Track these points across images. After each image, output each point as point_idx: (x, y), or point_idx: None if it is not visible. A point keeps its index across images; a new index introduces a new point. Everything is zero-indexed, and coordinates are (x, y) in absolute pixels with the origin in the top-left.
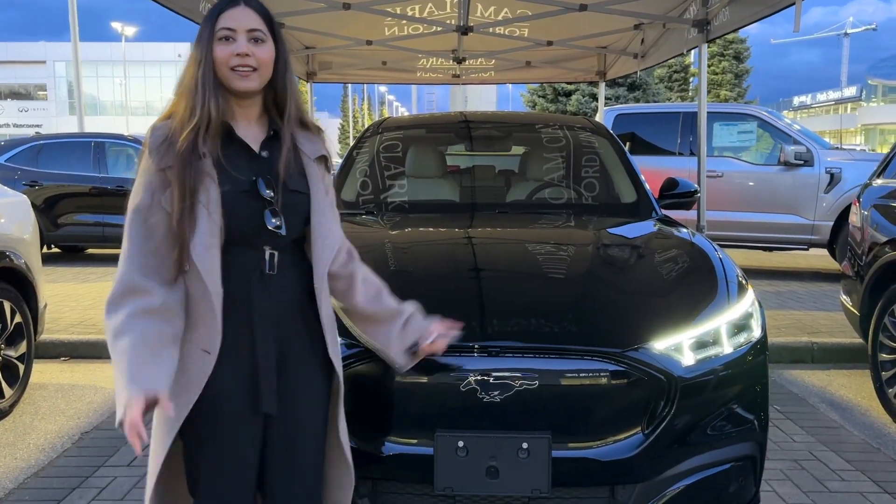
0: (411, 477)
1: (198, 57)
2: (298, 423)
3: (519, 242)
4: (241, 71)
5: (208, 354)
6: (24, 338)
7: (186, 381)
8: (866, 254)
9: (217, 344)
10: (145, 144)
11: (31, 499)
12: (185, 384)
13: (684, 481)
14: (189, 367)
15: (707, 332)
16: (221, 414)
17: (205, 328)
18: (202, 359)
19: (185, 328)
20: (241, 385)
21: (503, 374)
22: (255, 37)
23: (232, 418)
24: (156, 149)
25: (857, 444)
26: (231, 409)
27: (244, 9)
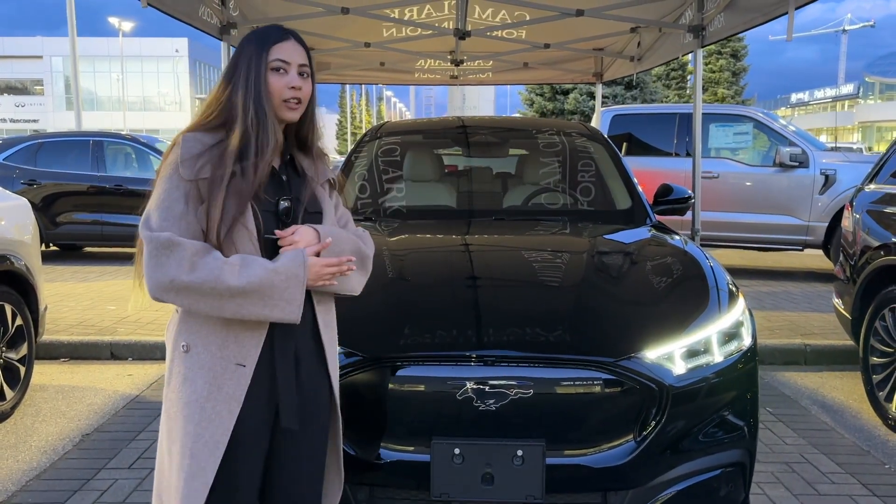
0: (408, 483)
1: (253, 86)
2: (308, 434)
3: (514, 250)
4: (291, 103)
5: (243, 367)
6: (25, 340)
7: (227, 397)
8: (858, 258)
9: (254, 357)
10: (171, 152)
11: (34, 501)
12: (225, 399)
13: (675, 487)
14: (224, 383)
15: (698, 342)
16: (243, 429)
17: (237, 341)
18: (237, 372)
19: (213, 346)
20: (262, 400)
21: (499, 382)
22: (302, 71)
23: (253, 433)
24: (188, 160)
25: (848, 446)
26: (253, 424)
27: (295, 44)
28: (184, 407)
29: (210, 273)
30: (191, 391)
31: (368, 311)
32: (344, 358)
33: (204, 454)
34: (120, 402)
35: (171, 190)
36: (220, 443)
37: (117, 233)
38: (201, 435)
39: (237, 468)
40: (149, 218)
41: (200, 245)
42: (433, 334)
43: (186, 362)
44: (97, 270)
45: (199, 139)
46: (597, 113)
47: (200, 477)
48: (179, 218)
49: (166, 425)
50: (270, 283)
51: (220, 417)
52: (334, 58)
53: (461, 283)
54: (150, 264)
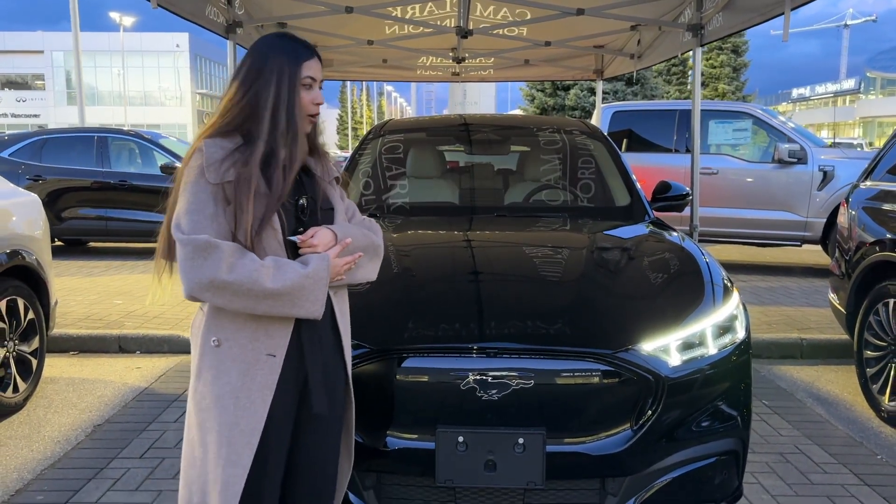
0: (414, 470)
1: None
2: (330, 421)
3: (516, 246)
4: (314, 118)
5: (274, 357)
6: (37, 333)
7: (260, 386)
8: (854, 253)
9: (284, 348)
10: (193, 157)
11: (50, 489)
12: (258, 389)
13: (671, 474)
14: (256, 373)
15: (693, 334)
16: (273, 416)
17: (267, 333)
18: (268, 363)
19: (245, 339)
20: (289, 388)
21: (501, 373)
22: (321, 86)
23: (282, 419)
24: (213, 164)
25: (841, 438)
26: (282, 411)
27: (317, 61)
28: (218, 399)
29: (248, 274)
30: (224, 383)
31: (375, 305)
32: (352, 350)
33: (241, 442)
34: (129, 394)
35: (199, 193)
36: (256, 430)
37: (121, 228)
38: (237, 424)
39: (267, 454)
40: (180, 221)
41: (235, 246)
42: (437, 327)
43: (219, 356)
44: (102, 265)
45: (220, 144)
46: (597, 109)
47: (238, 464)
48: (211, 219)
49: (197, 418)
50: (301, 286)
51: (254, 406)
52: (337, 55)
53: (464, 277)
54: (188, 265)
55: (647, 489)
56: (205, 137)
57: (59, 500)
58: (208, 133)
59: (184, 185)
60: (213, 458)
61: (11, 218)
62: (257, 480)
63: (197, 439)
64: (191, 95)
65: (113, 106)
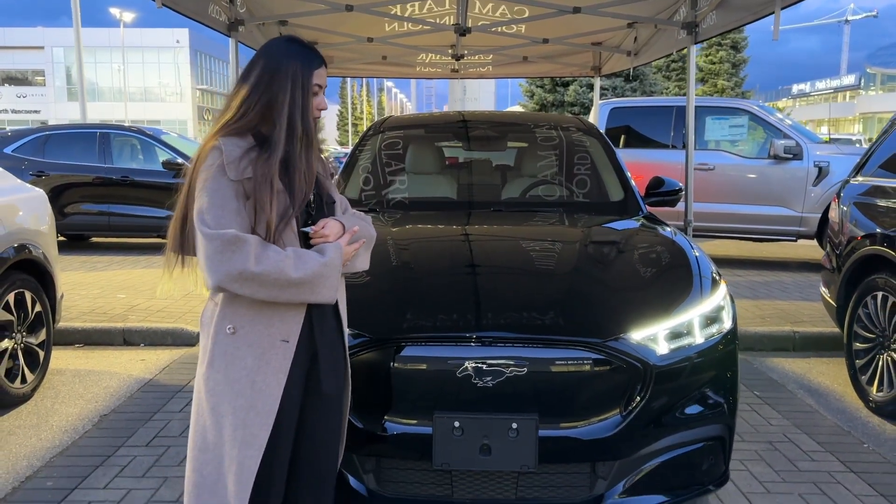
0: (412, 454)
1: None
2: (333, 401)
3: (511, 240)
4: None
5: (287, 343)
6: (44, 326)
7: (274, 370)
8: (844, 248)
9: (297, 333)
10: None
11: (59, 475)
12: (273, 372)
13: (659, 458)
14: (271, 358)
15: (681, 324)
16: (285, 398)
17: (282, 320)
18: (282, 348)
19: (260, 325)
20: (299, 371)
21: (495, 361)
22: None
23: (292, 401)
24: (232, 162)
25: (830, 427)
26: (293, 393)
27: (325, 69)
28: (233, 382)
29: (274, 265)
30: (241, 367)
31: (375, 296)
32: (352, 339)
33: (257, 423)
34: (134, 385)
35: (221, 189)
36: (272, 411)
37: (124, 223)
38: (253, 406)
39: (279, 434)
40: (205, 217)
41: (258, 239)
42: (435, 317)
43: (235, 342)
44: (105, 260)
45: (236, 143)
46: (595, 106)
47: (254, 445)
48: (235, 214)
49: (209, 403)
50: (321, 273)
51: (269, 388)
52: (338, 52)
53: (461, 269)
54: (216, 259)
55: (636, 472)
56: (220, 136)
57: (69, 486)
58: (223, 132)
59: (203, 182)
60: (229, 440)
61: (18, 213)
62: (268, 459)
63: (210, 424)
64: (191, 91)
65: (113, 102)
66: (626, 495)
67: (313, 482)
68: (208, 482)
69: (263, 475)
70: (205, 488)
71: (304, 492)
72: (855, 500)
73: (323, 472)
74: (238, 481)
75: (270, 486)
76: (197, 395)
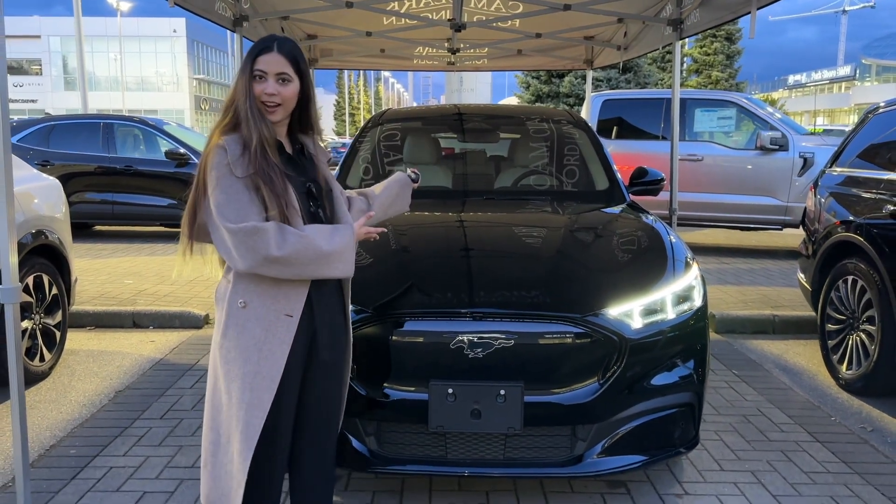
0: (410, 418)
1: (241, 89)
2: (334, 367)
3: (502, 225)
4: (269, 106)
5: (291, 318)
6: (60, 307)
7: (279, 341)
8: (820, 235)
9: (300, 309)
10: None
11: (81, 444)
12: (278, 343)
13: (634, 422)
14: (277, 330)
15: (654, 302)
16: (289, 365)
17: (286, 297)
18: (287, 321)
19: (268, 300)
20: (302, 342)
21: (485, 334)
22: (282, 78)
23: (295, 367)
24: (235, 162)
25: (801, 402)
26: (295, 360)
27: (275, 54)
28: (243, 350)
29: (295, 246)
30: (249, 337)
31: (377, 276)
32: (355, 315)
33: (262, 387)
34: (146, 364)
35: (232, 185)
36: (276, 377)
37: (127, 212)
38: (259, 372)
39: (282, 396)
40: (225, 212)
41: (276, 226)
42: (431, 295)
43: (245, 315)
44: (110, 248)
45: (236, 141)
46: (588, 98)
47: (259, 406)
48: (250, 205)
49: (223, 368)
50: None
51: (273, 356)
52: (337, 45)
53: (455, 252)
54: (241, 248)
55: (613, 435)
56: (222, 135)
57: (91, 454)
58: (224, 131)
59: (216, 180)
60: (237, 402)
61: (35, 200)
62: (274, 419)
63: (223, 387)
64: (188, 81)
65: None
66: (604, 455)
67: (316, 437)
68: (223, 440)
69: (270, 430)
70: (220, 446)
71: (309, 444)
72: (818, 465)
73: (325, 429)
74: (244, 439)
75: (276, 439)
76: (213, 361)
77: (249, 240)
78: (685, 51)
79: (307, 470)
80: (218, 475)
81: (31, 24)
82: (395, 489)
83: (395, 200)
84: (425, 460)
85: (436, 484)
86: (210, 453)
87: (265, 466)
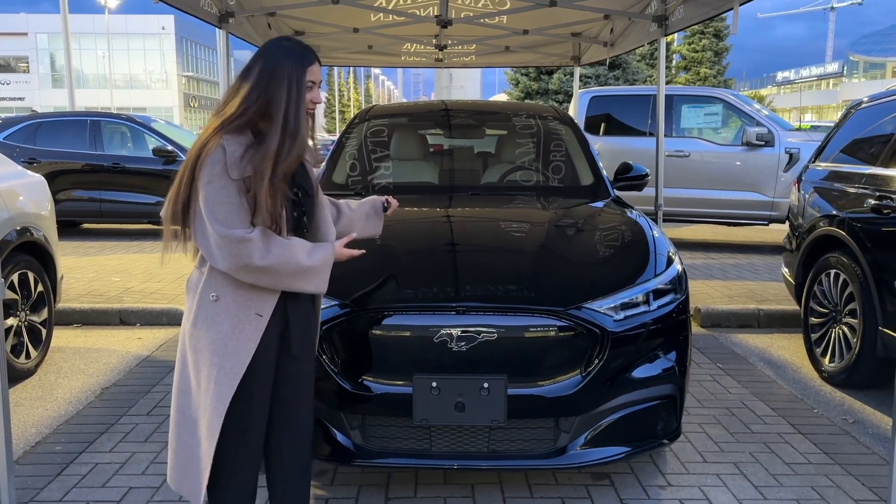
0: (394, 412)
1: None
2: (308, 361)
3: (487, 220)
4: (311, 113)
5: (261, 317)
6: (46, 304)
7: (245, 339)
8: (803, 229)
9: (271, 309)
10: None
11: (67, 441)
12: (244, 340)
13: (616, 414)
14: (245, 327)
15: (636, 295)
16: (257, 362)
17: (259, 296)
18: (256, 321)
19: (240, 297)
20: (272, 338)
21: (469, 328)
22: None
23: (264, 364)
24: (234, 164)
25: (784, 395)
26: (264, 357)
27: (318, 65)
28: (210, 343)
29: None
30: (217, 331)
31: (362, 271)
32: (339, 309)
33: (224, 381)
34: (133, 361)
35: (226, 188)
36: (238, 373)
37: (114, 210)
38: (223, 366)
39: (252, 391)
40: (216, 215)
41: (262, 235)
42: (415, 289)
43: (215, 309)
44: (97, 245)
45: (237, 141)
46: (575, 94)
47: (222, 399)
48: (239, 209)
49: (192, 356)
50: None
51: (238, 354)
52: (324, 41)
53: (440, 248)
54: (225, 252)
55: (595, 427)
56: (224, 134)
57: (76, 450)
58: (226, 129)
59: (210, 179)
60: (205, 392)
61: (20, 197)
62: (245, 413)
63: (191, 373)
64: (177, 78)
65: (98, 89)
66: (587, 447)
67: (291, 427)
68: (189, 421)
69: (242, 424)
70: (185, 427)
71: (284, 434)
72: (800, 457)
73: (299, 419)
74: (209, 425)
75: (248, 433)
76: (182, 346)
77: (234, 247)
78: (674, 48)
79: (287, 461)
80: (182, 456)
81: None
82: (381, 483)
83: (365, 224)
84: (410, 454)
85: (421, 477)
86: (176, 434)
87: (239, 460)
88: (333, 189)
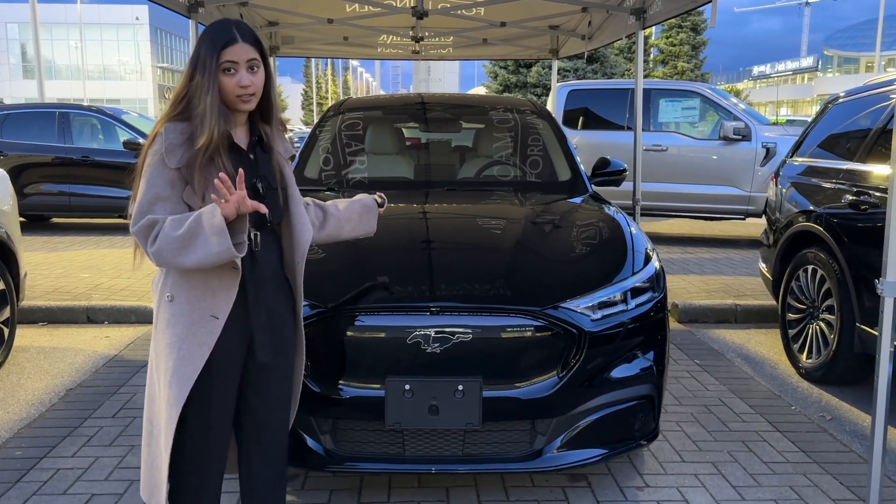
0: (366, 415)
1: (205, 85)
2: (281, 369)
3: (462, 217)
4: (244, 98)
5: (216, 319)
6: (8, 303)
7: (199, 342)
8: (780, 224)
9: (227, 310)
10: (154, 142)
11: (28, 445)
12: (197, 344)
13: (594, 416)
14: (198, 330)
15: (613, 294)
16: (215, 366)
17: (214, 296)
18: (211, 323)
19: (194, 298)
20: (234, 341)
21: (444, 328)
22: (251, 66)
23: (224, 368)
24: (171, 151)
25: (762, 392)
26: (224, 361)
27: (242, 44)
28: (166, 346)
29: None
30: (171, 334)
31: (332, 270)
32: (309, 310)
33: (176, 386)
34: (100, 361)
35: (156, 177)
36: (190, 378)
37: (84, 203)
38: (177, 370)
39: (210, 395)
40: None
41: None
42: (387, 289)
43: (171, 310)
44: (66, 241)
45: (178, 129)
46: (553, 88)
47: (175, 405)
48: (165, 201)
49: (155, 361)
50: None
51: (191, 357)
52: (299, 32)
53: (415, 245)
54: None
55: (572, 429)
56: (166, 122)
57: (38, 455)
58: (169, 117)
59: (146, 167)
60: (164, 396)
61: None
62: (205, 419)
63: (155, 378)
64: (151, 70)
65: (71, 80)
66: (564, 449)
67: (265, 438)
68: (155, 431)
69: (203, 430)
70: (153, 437)
71: (257, 445)
72: (778, 455)
73: (274, 430)
74: (166, 434)
75: (209, 440)
76: (151, 350)
77: (142, 234)
78: (652, 41)
79: (257, 471)
80: (150, 466)
81: None
82: (353, 487)
83: (358, 223)
84: (382, 458)
85: (395, 481)
86: (146, 444)
87: (201, 467)
88: (306, 184)
